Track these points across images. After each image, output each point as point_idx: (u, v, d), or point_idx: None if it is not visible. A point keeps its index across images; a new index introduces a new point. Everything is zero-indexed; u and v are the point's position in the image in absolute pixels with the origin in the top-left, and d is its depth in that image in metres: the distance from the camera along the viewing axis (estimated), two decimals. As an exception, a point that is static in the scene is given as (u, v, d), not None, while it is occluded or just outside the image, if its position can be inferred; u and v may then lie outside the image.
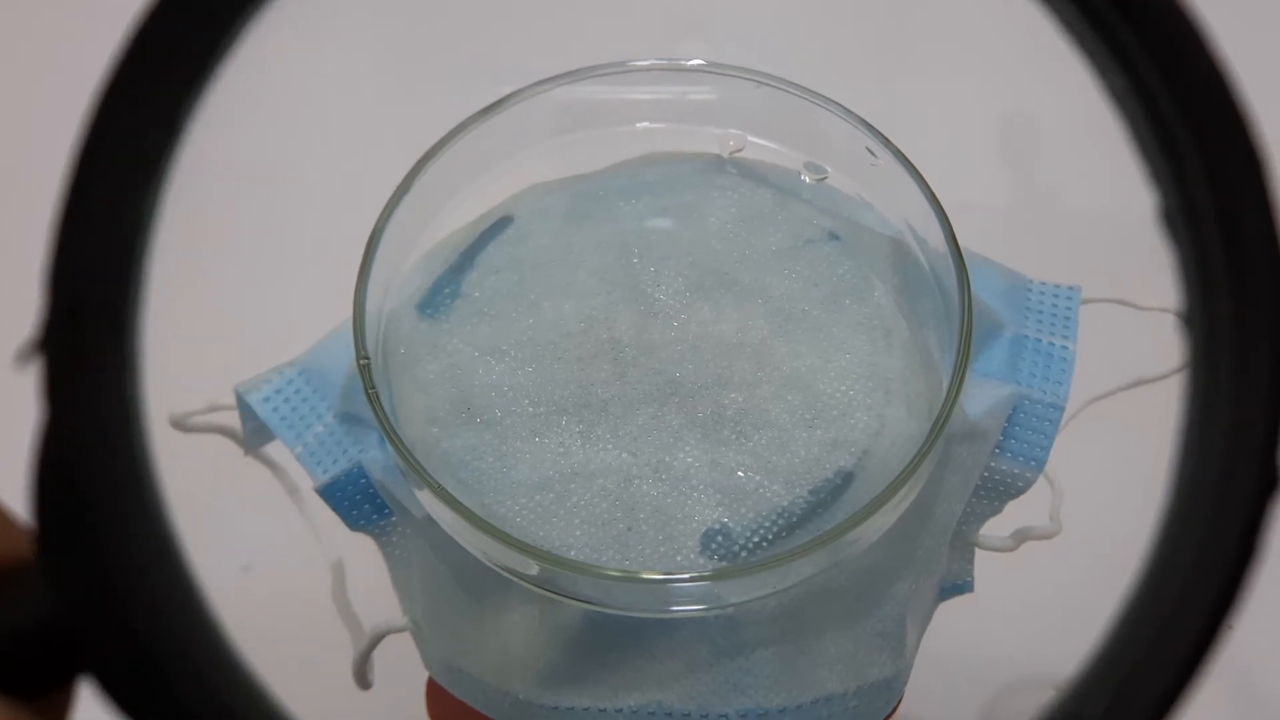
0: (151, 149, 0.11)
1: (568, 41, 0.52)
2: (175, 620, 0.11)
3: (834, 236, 0.27)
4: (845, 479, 0.24)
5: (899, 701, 0.27)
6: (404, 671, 0.28)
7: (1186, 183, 0.13)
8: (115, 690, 0.11)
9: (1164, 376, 0.30)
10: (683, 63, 0.28)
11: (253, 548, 0.41)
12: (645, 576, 0.22)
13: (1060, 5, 0.13)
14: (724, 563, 0.23)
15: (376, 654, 0.27)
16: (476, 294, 0.26)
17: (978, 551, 0.28)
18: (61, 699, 0.13)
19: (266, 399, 0.26)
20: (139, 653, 0.11)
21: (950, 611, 0.29)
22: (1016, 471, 0.26)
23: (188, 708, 0.11)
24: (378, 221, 0.25)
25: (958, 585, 0.29)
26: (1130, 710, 0.12)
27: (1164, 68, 0.12)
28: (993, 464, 0.26)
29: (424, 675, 0.28)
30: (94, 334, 0.11)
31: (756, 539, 0.23)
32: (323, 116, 0.51)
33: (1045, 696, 0.44)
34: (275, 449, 0.27)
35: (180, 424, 0.26)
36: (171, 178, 0.12)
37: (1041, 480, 0.27)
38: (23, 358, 0.11)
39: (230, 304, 0.45)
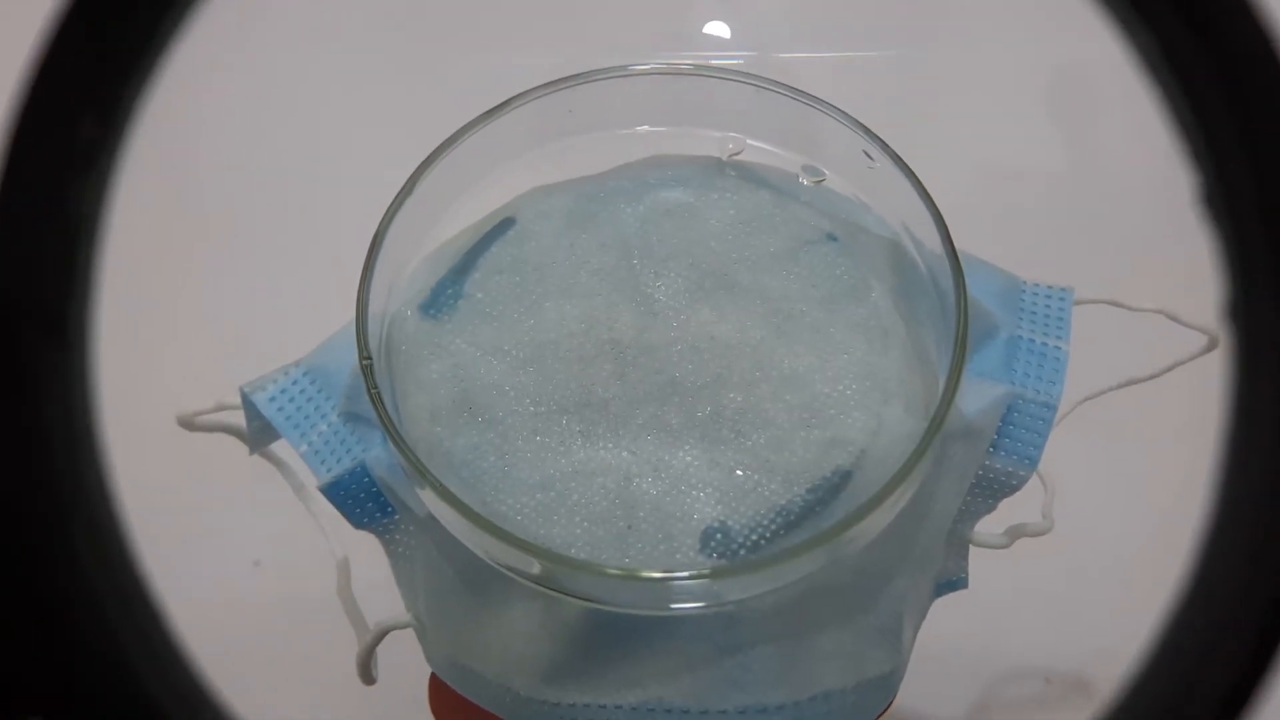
0: (89, 138, 0.10)
1: (580, 33, 0.52)
2: (134, 662, 0.10)
3: (832, 238, 0.28)
4: (843, 478, 0.24)
5: (894, 695, 0.27)
6: (407, 667, 0.28)
7: (1227, 163, 0.12)
8: None
9: (1154, 376, 0.30)
10: (683, 66, 0.28)
11: (261, 545, 0.41)
12: (645, 575, 0.22)
13: None
14: (723, 561, 0.23)
15: (380, 649, 0.27)
16: (479, 295, 0.27)
17: (971, 548, 0.29)
18: None
19: (272, 399, 0.26)
20: (85, 699, 0.10)
21: (943, 606, 0.29)
22: (1010, 470, 0.27)
23: None
24: (381, 223, 0.26)
25: (952, 581, 0.29)
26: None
27: (1203, 35, 0.12)
28: (987, 462, 0.27)
29: (427, 670, 0.28)
30: (32, 343, 0.10)
31: (755, 537, 0.24)
32: (329, 119, 0.51)
33: (1037, 688, 0.44)
34: (281, 448, 0.27)
35: (188, 423, 0.27)
36: (118, 171, 0.11)
37: (1033, 477, 0.27)
38: None
39: (236, 305, 0.45)
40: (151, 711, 0.10)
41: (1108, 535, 0.42)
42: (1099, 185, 0.51)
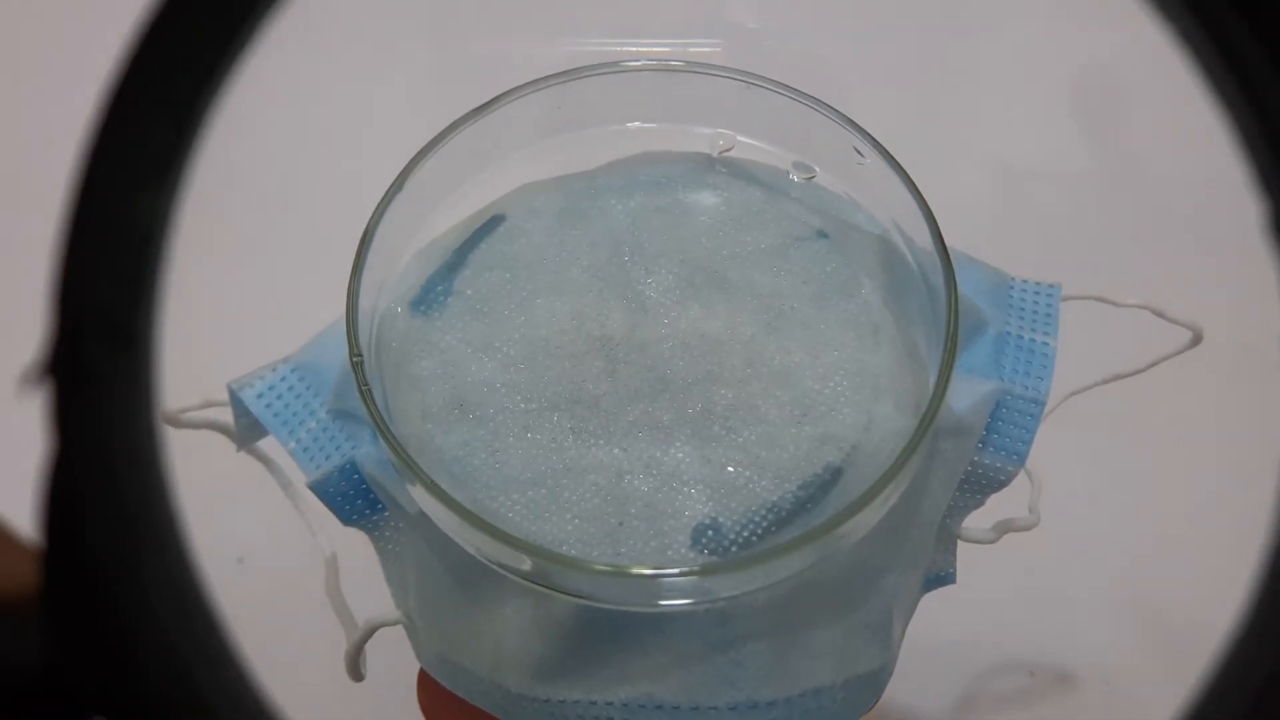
0: (164, 153, 0.11)
1: (573, 23, 0.52)
2: (192, 670, 0.10)
3: (822, 235, 0.28)
4: (834, 474, 0.24)
5: (882, 691, 0.27)
6: (396, 663, 0.28)
7: None
8: None
9: (1139, 371, 0.31)
10: (673, 63, 0.28)
11: (247, 542, 0.41)
12: (635, 571, 0.22)
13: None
14: (714, 557, 0.23)
15: (369, 646, 0.27)
16: (469, 291, 0.27)
17: (959, 543, 0.29)
18: None
19: (260, 395, 0.26)
20: (149, 705, 0.10)
21: (929, 600, 0.29)
22: (999, 465, 0.27)
23: None
24: (371, 219, 0.25)
25: (941, 577, 0.29)
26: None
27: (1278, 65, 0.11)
28: (976, 458, 0.27)
29: (416, 667, 0.28)
30: (105, 357, 0.10)
31: (746, 534, 0.24)
32: (316, 114, 0.51)
33: (1021, 682, 0.44)
34: (269, 445, 0.27)
35: (173, 420, 0.27)
36: (186, 185, 0.11)
37: (1020, 473, 0.27)
38: (28, 382, 0.10)
39: (224, 301, 0.45)
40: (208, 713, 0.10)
41: (1092, 529, 0.43)
42: (1093, 182, 0.51)
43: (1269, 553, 0.12)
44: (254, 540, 0.40)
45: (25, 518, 0.12)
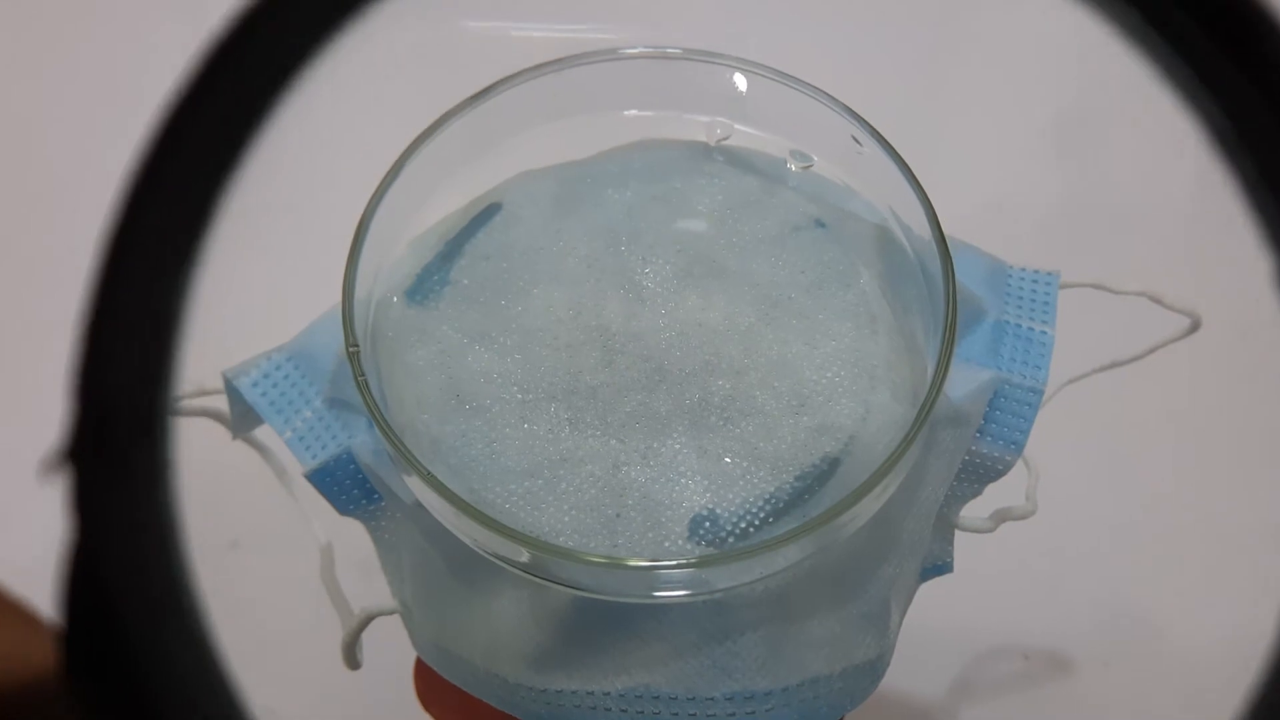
0: (183, 241, 0.11)
1: (570, 10, 0.52)
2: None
3: (820, 224, 0.27)
4: (831, 464, 0.24)
5: (880, 680, 0.27)
6: (393, 652, 0.28)
7: None
8: None
9: (1136, 358, 0.31)
10: (670, 51, 0.28)
11: (243, 530, 0.41)
12: (632, 563, 0.22)
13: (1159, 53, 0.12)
14: (711, 548, 0.23)
15: (366, 634, 0.27)
16: (465, 281, 0.26)
17: (956, 532, 0.29)
18: None
19: (255, 384, 0.26)
20: None
21: (925, 586, 0.29)
22: (997, 455, 0.27)
23: None
24: (366, 208, 0.25)
25: (938, 566, 0.29)
26: None
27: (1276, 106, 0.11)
28: (974, 447, 0.27)
29: (413, 656, 0.28)
30: (127, 444, 0.10)
31: (744, 524, 0.24)
32: (312, 102, 0.50)
33: (1017, 665, 0.44)
34: (264, 433, 0.27)
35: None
36: (201, 272, 0.11)
37: (1018, 461, 0.27)
38: (50, 468, 0.10)
39: (218, 289, 0.45)
40: None
41: (1090, 518, 0.43)
42: (1089, 173, 0.51)
43: None
44: (250, 529, 0.40)
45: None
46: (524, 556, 0.23)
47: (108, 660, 0.10)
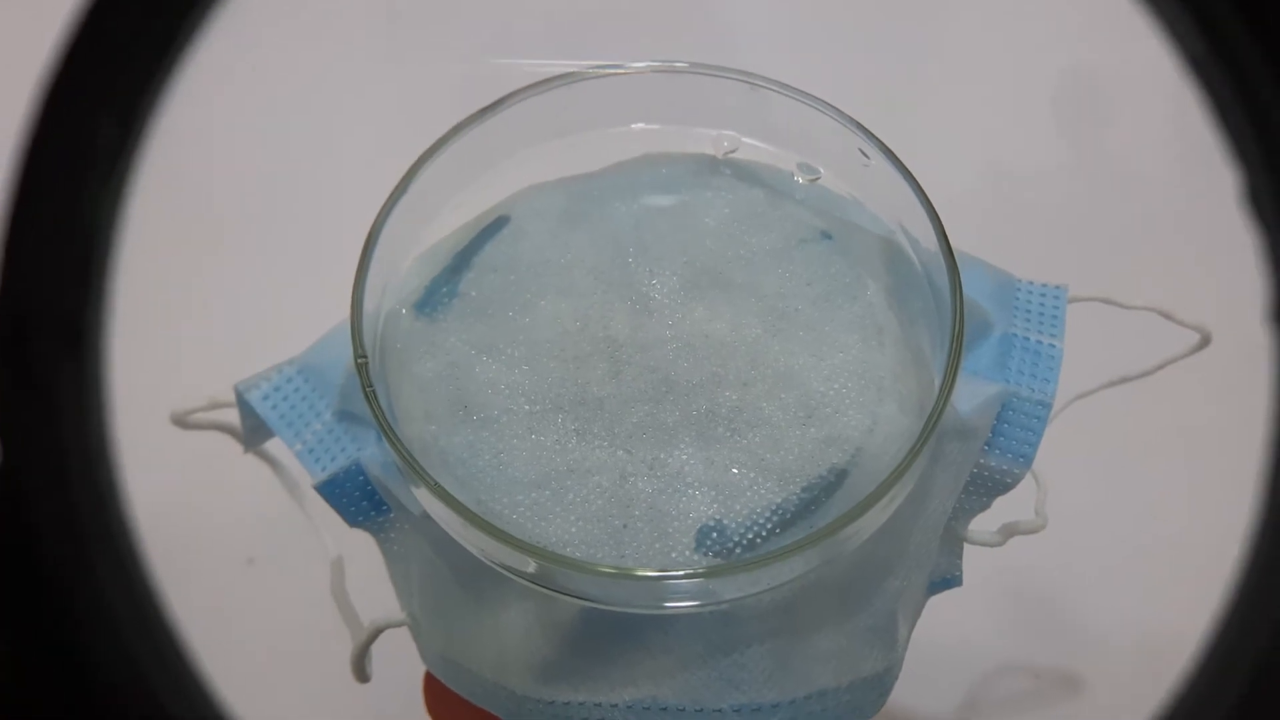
0: (110, 150, 0.10)
1: (575, 29, 0.52)
2: (148, 675, 0.10)
3: (827, 236, 0.28)
4: (838, 476, 0.24)
5: (888, 694, 0.27)
6: (402, 665, 0.28)
7: (1276, 159, 0.11)
8: None
9: (1146, 374, 0.30)
10: (677, 64, 0.28)
11: (255, 543, 0.41)
12: (640, 574, 0.22)
13: None
14: (718, 559, 0.23)
15: (375, 647, 0.27)
16: (473, 293, 0.27)
17: (965, 546, 0.29)
18: None
19: (265, 397, 0.26)
20: (106, 714, 0.10)
21: (934, 602, 0.29)
22: (1005, 468, 0.27)
23: None
24: (375, 221, 0.25)
25: (946, 580, 0.29)
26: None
27: (1253, 29, 0.11)
28: (982, 460, 0.27)
29: (421, 668, 0.28)
30: (52, 357, 0.10)
31: (751, 536, 0.24)
32: (322, 116, 0.51)
33: (1026, 684, 0.44)
34: (275, 446, 0.27)
35: (181, 421, 0.27)
36: (134, 175, 0.10)
37: (1026, 475, 0.27)
38: None
39: (229, 303, 0.45)
40: None
41: (1100, 533, 0.43)
42: (1096, 184, 0.51)
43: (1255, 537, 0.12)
44: (261, 542, 0.41)
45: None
46: (531, 567, 0.23)
47: (33, 581, 0.10)
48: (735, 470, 0.24)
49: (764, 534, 0.24)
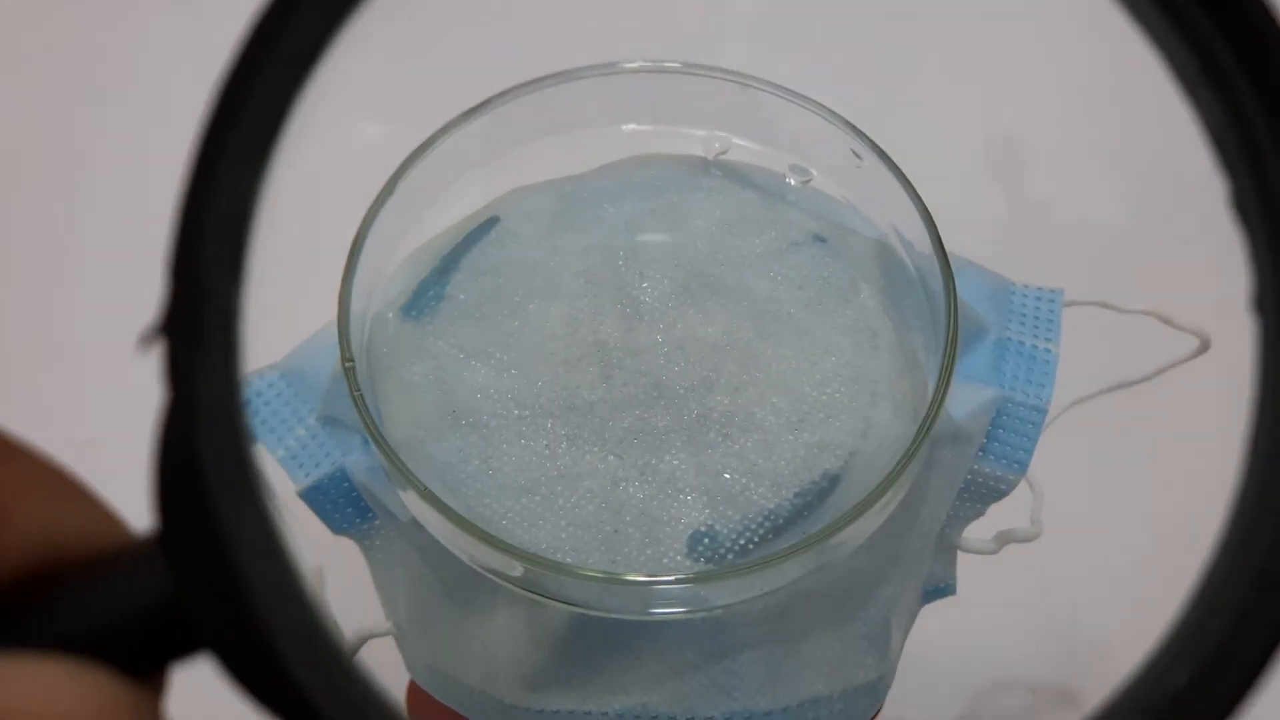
0: (264, 141, 0.12)
1: (564, 28, 0.52)
2: (289, 605, 0.12)
3: (819, 239, 0.27)
4: (831, 481, 0.24)
5: (881, 703, 0.27)
6: (386, 674, 0.28)
7: (1262, 163, 0.12)
8: (236, 668, 0.12)
9: (1144, 379, 0.30)
10: (668, 65, 0.28)
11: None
12: (629, 579, 0.22)
13: None
14: (710, 565, 0.23)
15: (358, 658, 0.27)
16: (462, 296, 0.26)
17: (959, 554, 0.28)
18: (165, 674, 0.13)
19: (246, 402, 0.26)
20: (258, 633, 0.11)
21: (929, 613, 0.29)
22: (999, 474, 0.26)
23: (301, 685, 0.11)
24: (362, 223, 0.25)
25: (940, 588, 0.29)
26: (1216, 680, 0.12)
27: (1238, 43, 0.12)
28: (976, 466, 0.26)
29: (406, 678, 0.28)
30: (212, 323, 0.12)
31: (743, 541, 0.23)
32: (308, 117, 0.51)
33: (1022, 700, 0.44)
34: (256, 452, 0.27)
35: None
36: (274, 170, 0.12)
37: (1021, 482, 0.27)
38: (145, 341, 0.11)
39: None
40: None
41: (1096, 541, 0.42)
42: (1096, 184, 0.51)
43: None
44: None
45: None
46: (520, 572, 0.22)
47: (198, 522, 0.11)
48: (727, 475, 0.24)
49: (756, 540, 0.23)
